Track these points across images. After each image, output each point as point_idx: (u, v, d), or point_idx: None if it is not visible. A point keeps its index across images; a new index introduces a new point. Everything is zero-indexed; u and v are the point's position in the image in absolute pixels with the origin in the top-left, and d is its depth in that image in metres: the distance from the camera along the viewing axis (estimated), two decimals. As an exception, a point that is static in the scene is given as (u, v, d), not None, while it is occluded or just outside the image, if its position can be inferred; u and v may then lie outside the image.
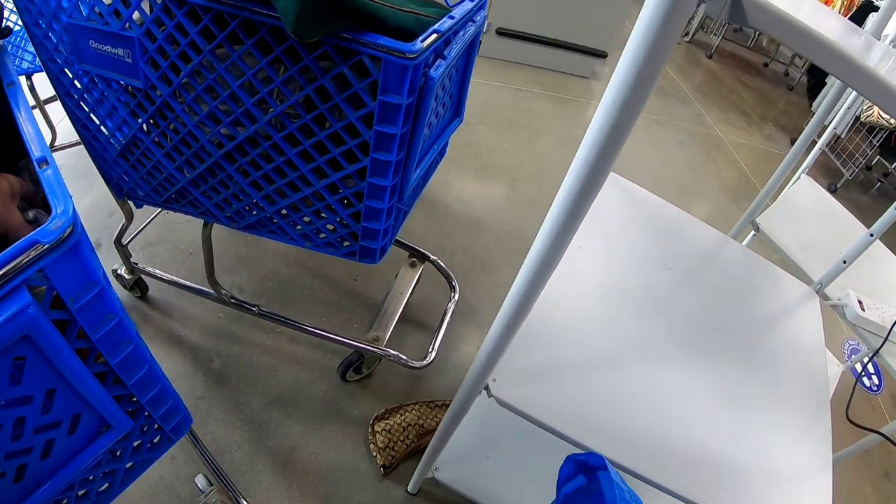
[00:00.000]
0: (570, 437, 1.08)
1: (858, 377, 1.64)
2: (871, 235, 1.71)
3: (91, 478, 0.90)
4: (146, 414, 0.88)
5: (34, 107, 2.30)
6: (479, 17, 1.32)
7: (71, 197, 0.62)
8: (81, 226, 0.61)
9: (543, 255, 0.82)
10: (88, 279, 0.64)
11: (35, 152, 0.67)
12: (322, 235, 1.35)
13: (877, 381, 2.67)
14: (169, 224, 2.24)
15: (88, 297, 0.64)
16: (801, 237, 2.13)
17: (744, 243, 2.18)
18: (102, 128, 1.38)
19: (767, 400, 1.30)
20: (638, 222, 1.65)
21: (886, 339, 1.65)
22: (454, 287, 2.07)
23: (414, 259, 2.04)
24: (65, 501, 0.88)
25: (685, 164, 3.71)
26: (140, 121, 1.27)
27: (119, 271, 1.90)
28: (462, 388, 1.15)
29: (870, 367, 2.67)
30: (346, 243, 1.34)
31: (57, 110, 2.14)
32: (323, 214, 1.29)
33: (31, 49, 2.12)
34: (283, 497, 1.60)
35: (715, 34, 5.71)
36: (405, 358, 1.77)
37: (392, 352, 1.77)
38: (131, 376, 0.78)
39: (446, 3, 1.41)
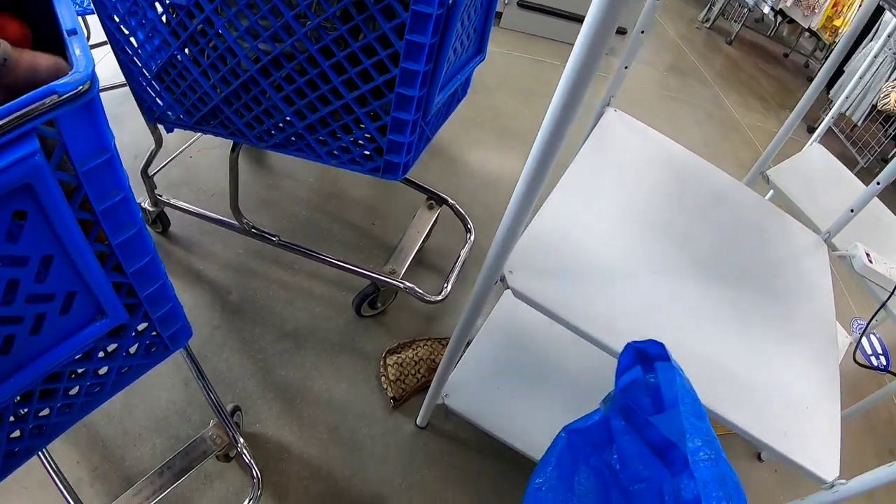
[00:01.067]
0: (588, 333, 1.12)
1: (866, 328, 1.66)
2: (878, 184, 1.74)
3: (82, 371, 0.90)
4: (143, 312, 0.89)
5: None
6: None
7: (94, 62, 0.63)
8: (98, 91, 0.62)
9: (552, 124, 0.89)
10: (100, 144, 0.65)
11: (66, 24, 0.66)
12: (348, 152, 1.40)
13: (884, 361, 2.69)
14: (191, 168, 2.29)
15: (97, 162, 0.65)
16: (810, 192, 2.17)
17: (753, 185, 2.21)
18: (140, 51, 1.43)
19: (778, 331, 1.35)
20: (654, 160, 1.69)
21: (893, 291, 1.68)
22: (469, 230, 2.11)
23: (432, 201, 2.09)
24: (55, 395, 0.89)
25: (701, 142, 3.73)
26: (181, 39, 1.31)
27: (143, 204, 1.94)
28: (479, 280, 1.18)
29: (877, 347, 2.68)
30: (369, 155, 1.39)
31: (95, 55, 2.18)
32: (351, 128, 1.34)
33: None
34: (292, 426, 1.65)
35: (736, 21, 5.68)
36: (420, 291, 1.82)
37: (408, 283, 1.82)
38: (132, 264, 0.79)
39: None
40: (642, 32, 1.61)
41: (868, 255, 1.83)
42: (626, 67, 1.70)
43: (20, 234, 0.62)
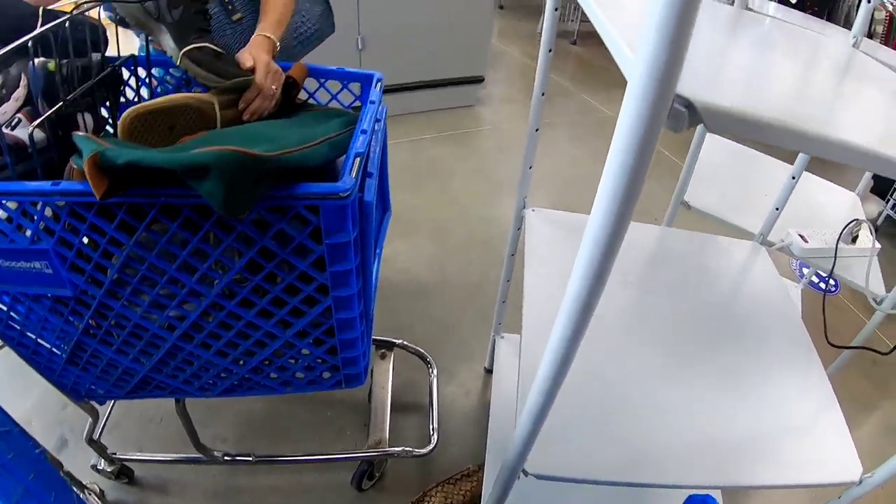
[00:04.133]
0: (614, 481, 1.08)
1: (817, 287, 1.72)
2: (794, 178, 1.76)
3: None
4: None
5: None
6: (383, 112, 1.32)
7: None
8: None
9: (572, 323, 0.72)
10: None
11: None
12: (301, 376, 1.31)
13: (833, 283, 2.90)
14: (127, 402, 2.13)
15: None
16: (729, 198, 2.20)
17: (675, 223, 2.23)
18: (40, 341, 1.31)
19: (758, 370, 1.34)
20: (576, 249, 1.65)
21: (835, 258, 1.74)
22: (430, 363, 2.05)
23: (383, 350, 2.01)
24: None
25: (590, 157, 3.78)
26: (80, 327, 1.20)
27: (99, 466, 1.81)
28: (497, 483, 1.12)
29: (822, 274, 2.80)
30: (328, 375, 1.30)
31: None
32: (298, 360, 1.25)
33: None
34: None
35: (572, 20, 5.82)
36: (411, 449, 1.75)
37: (397, 449, 1.75)
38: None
39: (343, 105, 1.41)
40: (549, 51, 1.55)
41: (802, 236, 1.87)
42: (529, 167, 1.65)
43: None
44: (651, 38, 0.45)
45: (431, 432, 1.82)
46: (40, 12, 1.29)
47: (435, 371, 2.03)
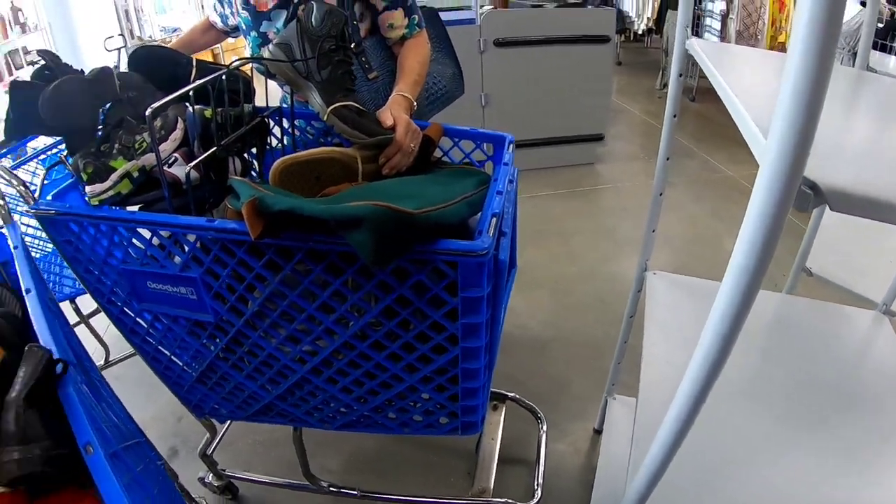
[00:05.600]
0: None
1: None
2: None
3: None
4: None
5: (77, 324, 2.33)
6: (514, 173, 1.37)
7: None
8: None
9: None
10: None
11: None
12: (419, 419, 1.35)
13: None
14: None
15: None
16: (852, 264, 2.13)
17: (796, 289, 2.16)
18: (174, 358, 1.41)
19: (880, 438, 1.27)
20: (697, 314, 1.64)
21: None
22: (540, 418, 2.05)
23: (496, 402, 2.04)
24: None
25: (711, 216, 3.71)
26: (214, 350, 1.29)
27: (206, 479, 1.89)
28: None
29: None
30: (445, 421, 1.34)
31: (101, 321, 2.17)
32: (418, 404, 1.29)
33: (71, 273, 2.17)
34: None
35: (691, 77, 5.77)
36: (514, 502, 1.75)
37: (501, 500, 1.76)
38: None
39: (475, 163, 1.47)
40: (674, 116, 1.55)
41: (930, 304, 1.79)
42: (653, 231, 1.66)
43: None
44: (781, 128, 0.48)
45: (536, 487, 1.82)
46: (194, 62, 1.43)
47: (545, 427, 2.03)
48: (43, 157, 2.23)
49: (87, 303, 2.07)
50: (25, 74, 7.96)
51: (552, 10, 4.30)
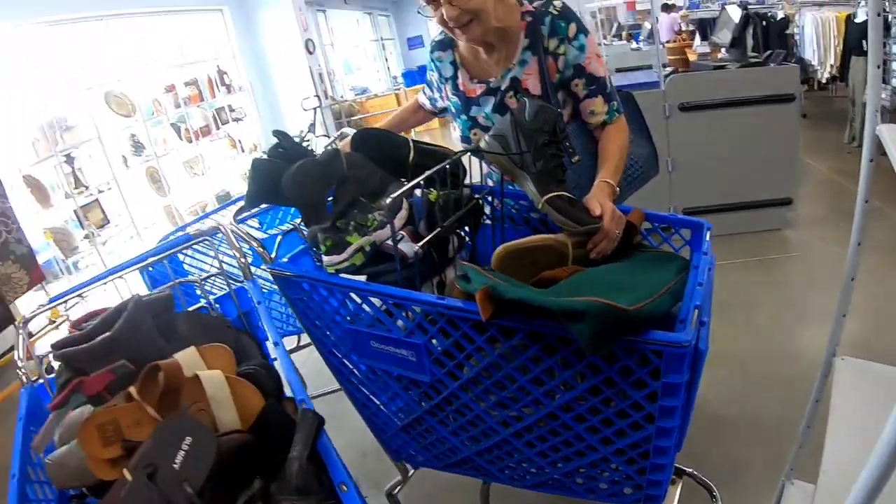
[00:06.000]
0: None
1: None
2: None
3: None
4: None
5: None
6: (712, 262, 1.44)
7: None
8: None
9: None
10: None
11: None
12: (604, 487, 1.44)
13: None
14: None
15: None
16: None
17: None
18: (382, 407, 1.57)
19: None
20: (886, 405, 1.58)
21: None
22: (715, 496, 2.05)
23: (673, 476, 2.06)
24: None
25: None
26: (425, 406, 1.44)
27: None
28: None
29: None
30: (629, 491, 1.42)
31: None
32: (606, 473, 1.39)
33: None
34: None
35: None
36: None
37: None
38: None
39: (673, 248, 1.54)
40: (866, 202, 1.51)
41: None
42: (843, 316, 1.63)
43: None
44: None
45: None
46: (411, 144, 1.59)
47: (721, 507, 2.03)
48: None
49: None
50: (231, 130, 8.71)
51: (735, 71, 4.25)
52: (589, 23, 12.46)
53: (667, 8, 10.61)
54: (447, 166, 1.43)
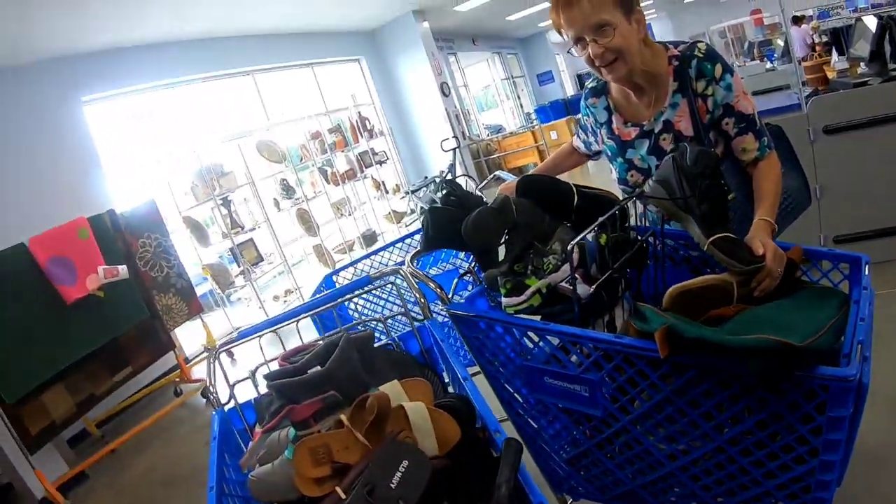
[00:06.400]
0: None
1: None
2: None
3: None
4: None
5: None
6: (872, 296, 1.47)
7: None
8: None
9: None
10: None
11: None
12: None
13: None
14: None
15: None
16: None
17: None
18: (549, 440, 1.67)
19: None
20: None
21: None
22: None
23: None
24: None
25: None
26: (593, 440, 1.54)
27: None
28: None
29: None
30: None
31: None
32: (769, 506, 1.44)
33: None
34: None
35: None
36: None
37: None
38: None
39: (832, 283, 1.59)
40: None
41: None
42: None
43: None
44: None
45: None
46: (574, 190, 1.70)
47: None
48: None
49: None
50: (373, 172, 9.10)
51: (880, 87, 4.01)
52: (718, 44, 12.23)
53: (797, 20, 10.27)
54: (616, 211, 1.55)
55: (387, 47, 10.98)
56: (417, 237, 3.02)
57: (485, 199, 1.76)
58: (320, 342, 1.53)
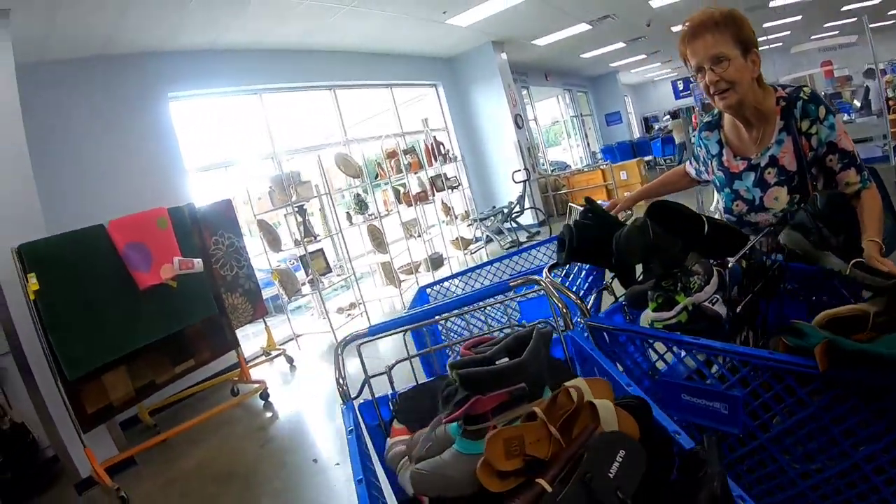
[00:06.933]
0: None
1: None
2: None
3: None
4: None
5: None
6: None
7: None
8: None
9: None
10: None
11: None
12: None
13: None
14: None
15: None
16: None
17: None
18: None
19: None
20: None
21: None
22: None
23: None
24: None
25: None
26: (730, 457, 1.55)
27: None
28: None
29: None
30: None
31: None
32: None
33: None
34: None
35: None
36: None
37: None
38: None
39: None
40: None
41: None
42: None
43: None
44: None
45: None
46: (704, 218, 1.77)
47: None
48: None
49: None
50: (443, 196, 9.25)
51: None
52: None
53: (870, 73, 10.29)
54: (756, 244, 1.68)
55: (464, 75, 11.23)
56: (507, 260, 3.15)
57: (621, 220, 1.87)
58: (496, 333, 1.62)
